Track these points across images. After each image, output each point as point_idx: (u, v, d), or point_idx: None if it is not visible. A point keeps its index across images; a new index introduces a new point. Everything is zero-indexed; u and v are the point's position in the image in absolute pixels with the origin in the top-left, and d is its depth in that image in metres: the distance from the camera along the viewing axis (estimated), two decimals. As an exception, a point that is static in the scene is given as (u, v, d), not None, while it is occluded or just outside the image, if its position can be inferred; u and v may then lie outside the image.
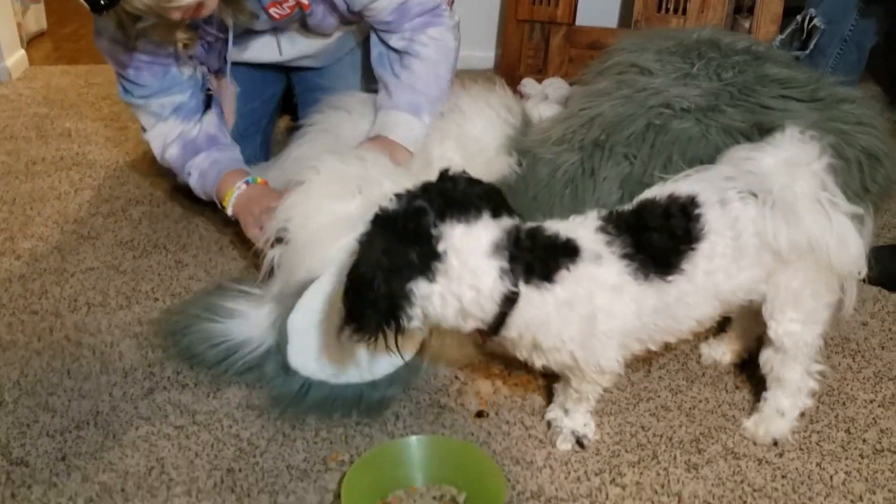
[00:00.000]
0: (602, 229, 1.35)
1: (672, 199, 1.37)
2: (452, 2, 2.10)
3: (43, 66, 3.26)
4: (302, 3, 1.96)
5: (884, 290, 1.91)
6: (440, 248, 1.23)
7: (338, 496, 1.38)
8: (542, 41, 2.82)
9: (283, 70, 2.33)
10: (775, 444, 1.51)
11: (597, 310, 1.32)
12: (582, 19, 2.81)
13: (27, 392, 1.63)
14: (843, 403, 1.61)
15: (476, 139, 1.94)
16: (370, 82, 2.20)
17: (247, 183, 1.94)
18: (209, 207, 2.24)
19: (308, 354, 1.59)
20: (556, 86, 2.56)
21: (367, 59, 2.17)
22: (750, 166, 1.41)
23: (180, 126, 2.03)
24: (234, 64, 2.14)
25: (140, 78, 1.98)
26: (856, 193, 1.86)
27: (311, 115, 2.09)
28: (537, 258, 1.29)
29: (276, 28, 2.11)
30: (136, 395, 1.63)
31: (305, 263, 1.66)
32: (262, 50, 2.19)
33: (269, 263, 1.76)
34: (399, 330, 1.28)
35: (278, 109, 2.44)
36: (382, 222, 1.26)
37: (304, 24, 2.11)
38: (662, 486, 1.42)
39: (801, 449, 1.50)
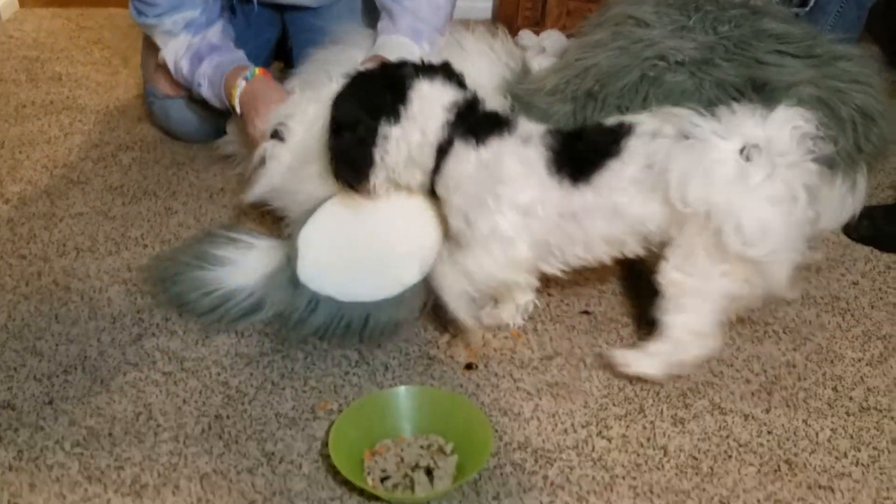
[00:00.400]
0: (548, 130, 1.49)
1: (615, 123, 1.47)
2: None
3: (34, 8, 3.20)
4: None
5: (875, 250, 1.91)
6: (410, 94, 1.47)
7: (326, 445, 1.38)
8: (540, -7, 2.79)
9: (279, 12, 2.30)
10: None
11: (505, 175, 1.45)
12: (581, -29, 2.78)
13: (14, 336, 1.62)
14: (832, 361, 1.61)
15: (473, 77, 1.92)
16: (368, 25, 2.17)
17: (246, 79, 1.92)
18: (200, 154, 2.22)
19: (318, 269, 1.58)
20: (553, 39, 2.54)
21: (365, 1, 2.16)
22: (734, 124, 1.39)
23: (190, 39, 2.03)
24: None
25: None
26: (849, 153, 1.86)
27: (310, 52, 2.06)
28: (478, 122, 1.48)
29: None
30: (125, 341, 1.62)
31: (298, 164, 1.66)
32: None
33: (261, 155, 1.76)
34: (371, 168, 1.50)
35: (272, 56, 2.41)
36: (364, 76, 1.53)
37: None
38: (648, 440, 1.43)
39: (787, 405, 1.51)
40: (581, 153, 1.46)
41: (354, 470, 1.32)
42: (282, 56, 2.46)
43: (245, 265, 1.70)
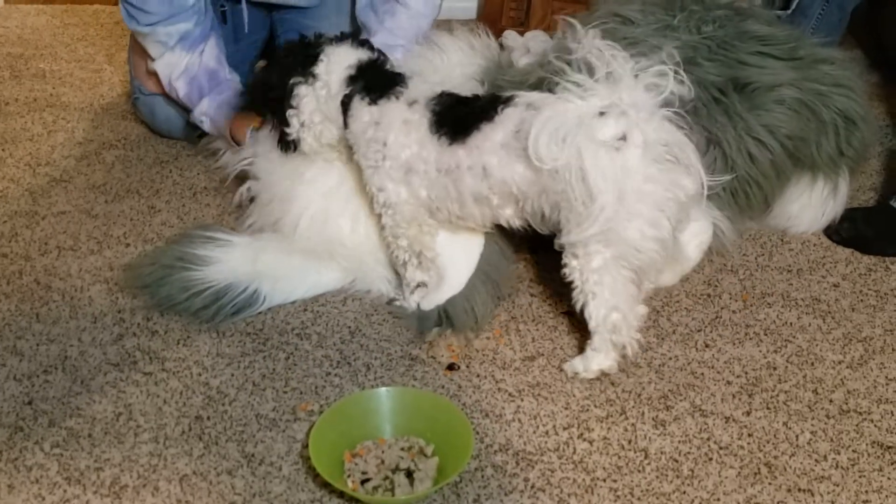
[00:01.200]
0: (439, 94, 1.60)
1: (503, 95, 1.56)
2: None
3: (18, 4, 3.18)
4: None
5: (856, 252, 1.92)
6: (319, 57, 1.65)
7: (306, 446, 1.38)
8: (525, -7, 2.79)
9: (268, 12, 2.29)
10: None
11: (389, 132, 1.58)
12: (566, -28, 2.78)
13: (-5, 335, 1.62)
14: (812, 364, 1.62)
15: (446, 68, 1.96)
16: (356, 25, 2.18)
17: (251, 136, 1.95)
18: (183, 153, 2.22)
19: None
20: (538, 39, 2.53)
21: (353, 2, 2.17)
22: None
23: (186, 57, 2.04)
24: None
25: (147, 4, 1.97)
26: (830, 157, 1.87)
27: None
28: (374, 82, 1.62)
29: None
30: (106, 341, 1.61)
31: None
32: None
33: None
34: (285, 123, 1.68)
35: (259, 57, 2.41)
36: (285, 47, 1.73)
37: None
38: (630, 442, 1.44)
39: (767, 408, 1.51)
40: (460, 116, 1.56)
41: (334, 472, 1.32)
42: (267, 55, 2.45)
43: (230, 262, 1.70)
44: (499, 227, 1.66)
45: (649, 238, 1.45)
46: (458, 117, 1.56)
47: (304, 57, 1.66)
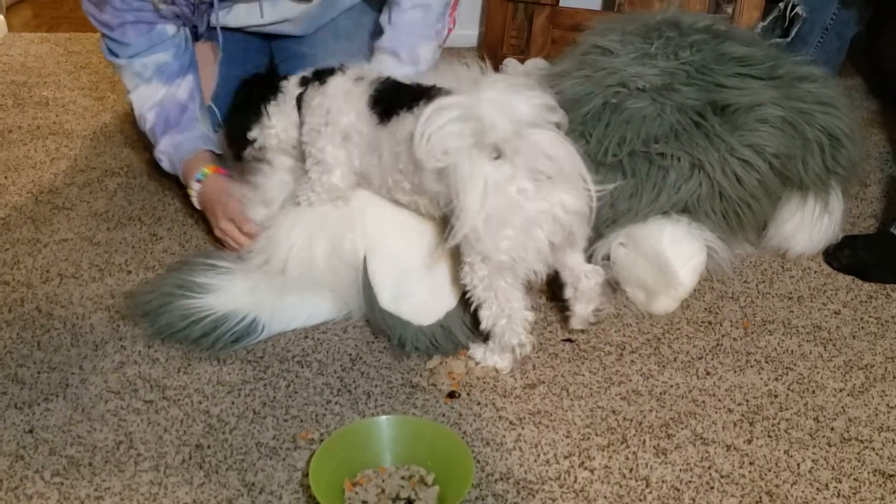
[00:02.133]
0: (385, 78, 1.71)
1: (430, 87, 1.63)
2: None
3: (22, 32, 3.21)
4: None
5: (857, 280, 1.92)
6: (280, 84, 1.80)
7: (306, 475, 1.38)
8: (526, 21, 2.81)
9: (266, 40, 2.31)
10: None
11: (334, 102, 1.69)
12: (566, 1, 2.80)
13: (-4, 363, 1.62)
14: (813, 392, 1.62)
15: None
16: (353, 51, 2.20)
17: (198, 180, 1.94)
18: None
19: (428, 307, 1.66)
20: (538, 67, 2.55)
21: (349, 27, 2.21)
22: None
23: (162, 89, 2.03)
24: (217, 28, 2.13)
25: (126, 36, 1.98)
26: (818, 175, 1.88)
27: None
28: (324, 71, 1.75)
29: None
30: (107, 369, 1.62)
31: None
32: (245, 14, 2.17)
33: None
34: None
35: None
36: (252, 81, 1.86)
37: None
38: (631, 471, 1.43)
39: (769, 436, 1.51)
40: (393, 100, 1.64)
41: (335, 501, 1.32)
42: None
43: (230, 290, 1.71)
44: None
45: (524, 249, 1.50)
46: (390, 100, 1.64)
47: (268, 85, 1.81)
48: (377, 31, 2.13)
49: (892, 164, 2.33)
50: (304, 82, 1.77)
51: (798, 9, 2.22)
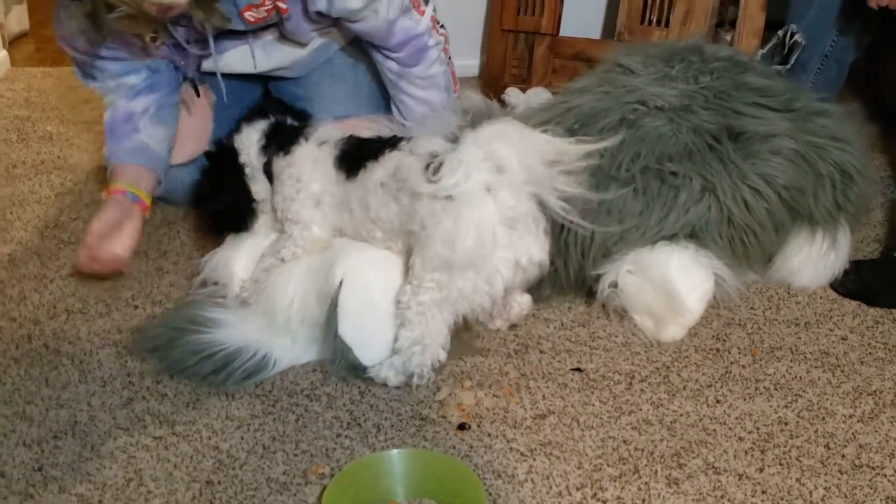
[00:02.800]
0: (346, 137, 1.78)
1: (391, 137, 1.75)
2: (438, 22, 2.10)
3: (25, 67, 3.22)
4: (279, 6, 1.94)
5: (863, 305, 1.92)
6: (238, 150, 1.85)
7: (318, 509, 1.38)
8: (527, 51, 2.83)
9: (262, 79, 2.32)
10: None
11: (302, 171, 1.76)
12: (566, 30, 2.82)
13: (4, 401, 1.61)
14: (823, 418, 1.61)
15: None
16: (349, 91, 2.22)
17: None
18: (191, 213, 2.23)
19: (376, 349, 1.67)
20: (540, 96, 2.57)
21: (344, 67, 2.24)
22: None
23: (122, 101, 2.06)
24: (209, 74, 2.15)
25: (104, 64, 2.01)
26: (828, 210, 1.88)
27: None
28: (285, 138, 1.80)
29: (251, 33, 2.10)
30: (115, 405, 1.61)
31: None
32: (237, 61, 2.18)
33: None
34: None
35: None
36: (211, 163, 1.89)
37: (279, 32, 2.11)
38: (643, 501, 1.43)
39: (780, 464, 1.51)
40: (357, 155, 1.72)
41: (348, 536, 1.31)
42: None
43: (241, 325, 1.71)
44: None
45: (479, 293, 1.56)
46: (355, 156, 1.73)
47: (228, 160, 1.85)
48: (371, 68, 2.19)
49: (894, 188, 2.34)
50: (266, 151, 1.82)
51: (797, 36, 2.24)
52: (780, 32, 2.30)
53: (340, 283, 1.65)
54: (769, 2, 2.59)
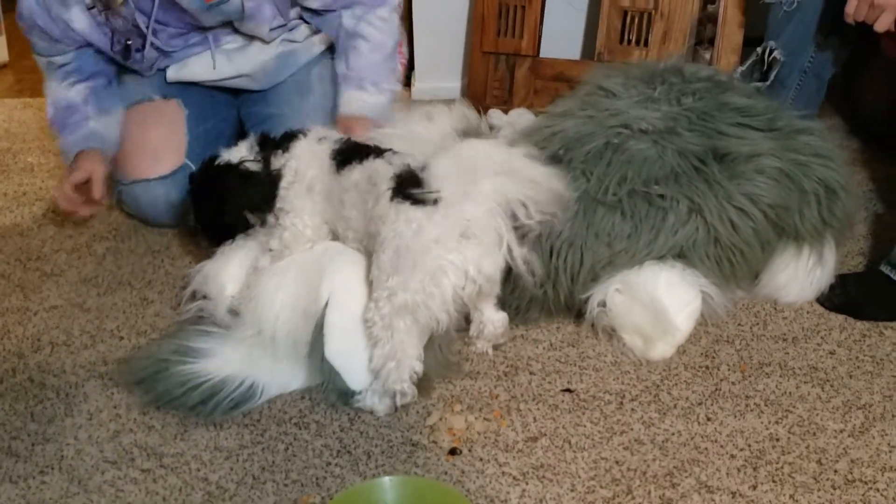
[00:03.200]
0: (345, 138, 1.85)
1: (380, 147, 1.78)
2: None
3: (4, 99, 3.21)
4: None
5: (849, 319, 1.92)
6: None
7: (310, 539, 1.36)
8: (508, 73, 2.84)
9: (233, 95, 2.33)
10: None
11: (300, 164, 1.79)
12: (546, 51, 2.83)
13: (-11, 437, 1.59)
14: (814, 434, 1.61)
15: (425, 132, 2.03)
16: (317, 105, 2.25)
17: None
18: (175, 242, 2.22)
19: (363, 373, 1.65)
20: (523, 117, 2.58)
21: (312, 80, 2.27)
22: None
23: (58, 86, 2.16)
24: (176, 84, 2.23)
25: (32, 34, 2.10)
26: (814, 226, 1.89)
27: None
28: (280, 141, 1.84)
29: (211, 36, 2.17)
30: (102, 438, 1.60)
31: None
32: (198, 67, 2.21)
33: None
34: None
35: (235, 134, 2.41)
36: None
37: (241, 38, 2.18)
38: (637, 522, 1.42)
39: (773, 481, 1.50)
40: (350, 153, 1.76)
41: (341, 566, 1.30)
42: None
43: (226, 354, 1.69)
44: None
45: (428, 295, 1.55)
46: (348, 153, 1.77)
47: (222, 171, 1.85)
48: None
49: (876, 201, 2.35)
50: (261, 154, 1.84)
51: (776, 53, 2.25)
52: (759, 49, 2.31)
53: (326, 303, 1.64)
54: (747, 19, 2.61)
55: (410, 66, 3.12)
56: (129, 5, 2.03)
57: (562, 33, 2.96)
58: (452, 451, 1.56)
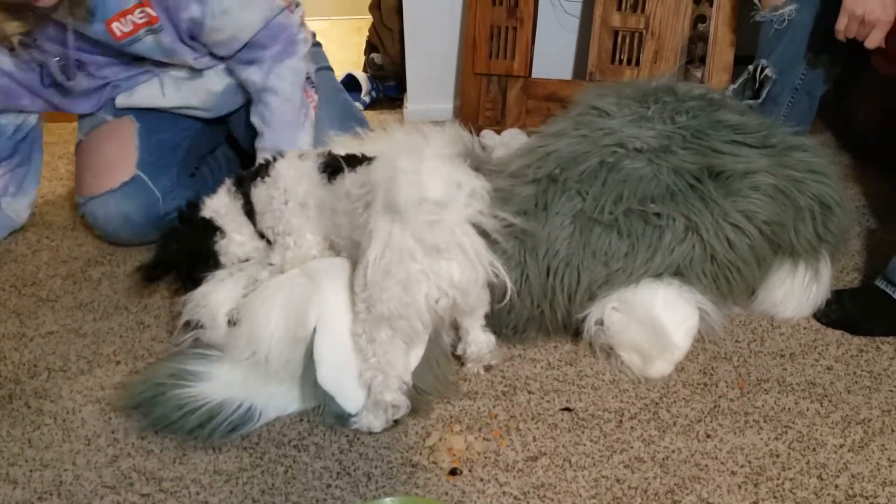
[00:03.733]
0: (327, 152, 1.88)
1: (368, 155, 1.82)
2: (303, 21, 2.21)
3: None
4: (149, 13, 1.99)
5: (846, 334, 1.93)
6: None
7: (312, 562, 1.35)
8: (500, 93, 2.85)
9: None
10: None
11: (287, 183, 1.82)
12: (538, 72, 2.84)
13: (-14, 464, 1.58)
14: (814, 449, 1.61)
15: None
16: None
17: None
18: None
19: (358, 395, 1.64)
20: (516, 138, 2.58)
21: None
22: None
23: None
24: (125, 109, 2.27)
25: None
26: (809, 242, 1.90)
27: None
28: (251, 174, 1.89)
29: (159, 66, 2.20)
30: (101, 463, 1.59)
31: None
32: (147, 95, 2.24)
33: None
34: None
35: (199, 142, 2.43)
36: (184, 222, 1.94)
37: (190, 69, 2.21)
38: (640, 540, 1.42)
39: (774, 497, 1.50)
40: (337, 166, 1.78)
41: (344, 588, 1.29)
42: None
43: (224, 377, 1.69)
44: None
45: (402, 305, 1.55)
46: (335, 166, 1.79)
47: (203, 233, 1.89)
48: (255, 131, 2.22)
49: (869, 217, 2.36)
50: (238, 190, 1.89)
51: (767, 70, 2.27)
52: (751, 67, 2.32)
53: (315, 328, 1.64)
54: (738, 38, 2.63)
55: (402, 89, 3.14)
56: (44, 39, 2.05)
57: (553, 54, 2.98)
58: (453, 472, 1.56)
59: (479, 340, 1.77)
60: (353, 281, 1.61)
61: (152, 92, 2.25)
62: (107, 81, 2.23)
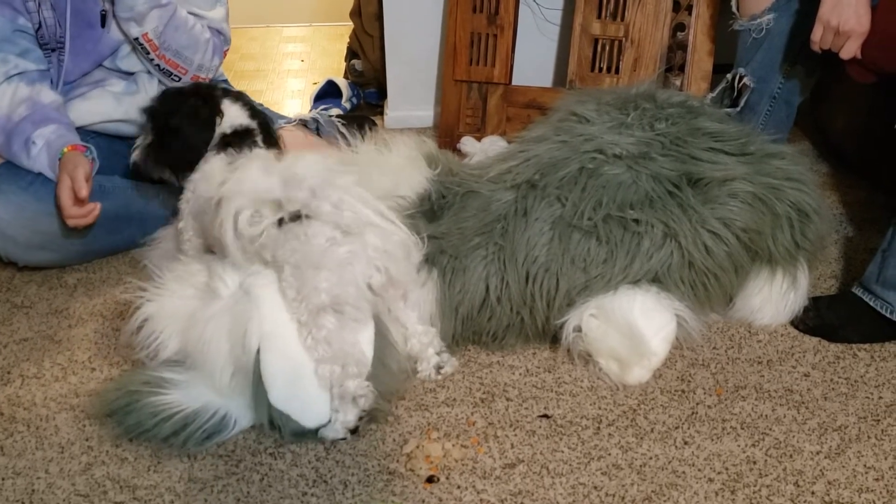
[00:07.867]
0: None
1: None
2: None
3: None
4: None
5: (823, 341, 1.93)
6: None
7: (287, 571, 1.34)
8: (480, 101, 2.85)
9: None
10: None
11: (245, 171, 1.72)
12: (518, 79, 2.85)
13: (-43, 472, 1.56)
14: (790, 456, 1.62)
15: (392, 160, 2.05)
16: None
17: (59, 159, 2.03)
18: (146, 272, 2.19)
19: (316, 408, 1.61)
20: (496, 144, 2.59)
21: None
22: None
23: (26, 89, 2.10)
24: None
25: None
26: (787, 249, 1.91)
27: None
28: (242, 140, 1.89)
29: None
30: (74, 471, 1.57)
31: None
32: (96, 102, 2.24)
33: None
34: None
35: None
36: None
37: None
38: (617, 548, 1.41)
39: (751, 503, 1.51)
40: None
41: None
42: None
43: (199, 384, 1.67)
44: None
45: (341, 286, 1.58)
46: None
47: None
48: None
49: (847, 225, 2.38)
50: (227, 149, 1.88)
51: (745, 79, 2.28)
52: (729, 76, 2.34)
53: (258, 351, 1.59)
54: (716, 46, 2.64)
55: (383, 95, 3.14)
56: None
57: (533, 61, 2.99)
58: (430, 479, 1.55)
59: (418, 332, 1.77)
60: (283, 291, 1.61)
61: (105, 101, 2.25)
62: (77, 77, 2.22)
